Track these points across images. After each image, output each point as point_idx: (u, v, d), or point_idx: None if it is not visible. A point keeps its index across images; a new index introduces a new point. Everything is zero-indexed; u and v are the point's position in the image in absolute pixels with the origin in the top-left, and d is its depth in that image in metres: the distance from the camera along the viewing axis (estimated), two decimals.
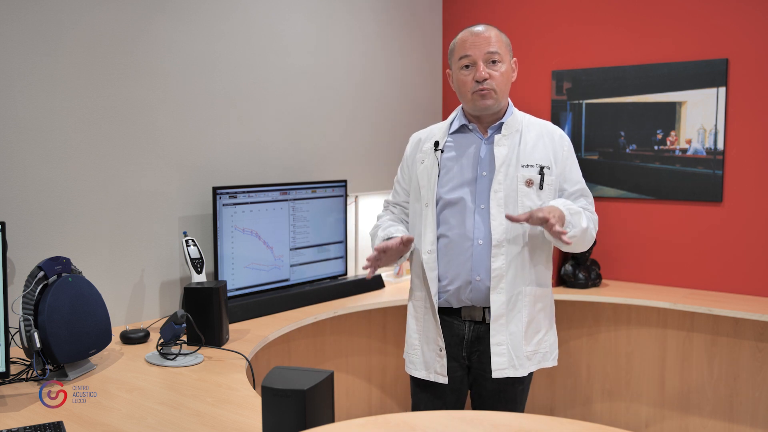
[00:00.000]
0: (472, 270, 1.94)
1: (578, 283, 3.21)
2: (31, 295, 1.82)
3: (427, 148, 2.05)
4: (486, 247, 1.92)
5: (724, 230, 3.12)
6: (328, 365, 2.97)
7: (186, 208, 2.61)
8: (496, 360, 1.93)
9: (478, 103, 1.94)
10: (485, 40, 1.93)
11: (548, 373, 3.45)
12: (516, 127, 1.99)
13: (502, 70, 1.94)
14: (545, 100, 3.53)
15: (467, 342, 1.99)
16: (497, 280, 1.91)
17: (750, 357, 2.97)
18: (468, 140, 2.01)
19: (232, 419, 1.55)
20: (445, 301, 1.99)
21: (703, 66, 3.10)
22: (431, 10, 3.81)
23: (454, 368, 2.01)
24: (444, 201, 1.97)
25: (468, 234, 1.94)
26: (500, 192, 1.92)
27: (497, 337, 1.93)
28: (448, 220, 1.97)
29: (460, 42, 1.97)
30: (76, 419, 1.54)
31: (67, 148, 2.25)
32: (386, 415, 1.14)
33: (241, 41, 2.79)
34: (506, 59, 1.96)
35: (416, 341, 2.05)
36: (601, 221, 3.39)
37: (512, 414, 1.15)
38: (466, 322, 1.98)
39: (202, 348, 2.11)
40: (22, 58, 2.13)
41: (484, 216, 1.93)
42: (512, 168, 1.94)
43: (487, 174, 1.95)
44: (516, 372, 1.94)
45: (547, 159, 1.97)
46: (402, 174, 2.15)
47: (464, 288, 1.95)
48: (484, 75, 1.91)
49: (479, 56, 1.92)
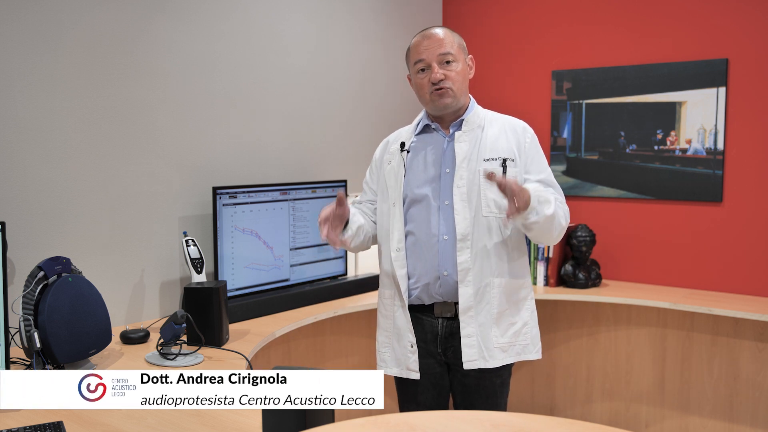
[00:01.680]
0: (439, 265, 1.97)
1: (578, 283, 3.21)
2: (31, 295, 1.82)
3: (393, 150, 2.11)
4: (451, 242, 1.96)
5: (724, 230, 3.12)
6: (328, 365, 2.97)
7: (186, 208, 2.61)
8: (467, 351, 1.95)
9: (437, 103, 1.99)
10: (437, 42, 1.97)
11: (548, 373, 3.45)
12: (478, 123, 2.03)
13: (457, 69, 1.98)
14: (545, 100, 3.53)
15: (441, 338, 2.01)
16: (464, 274, 1.94)
17: (750, 357, 2.97)
18: (432, 139, 2.06)
19: (232, 419, 1.54)
20: (416, 298, 2.02)
21: (703, 66, 3.10)
22: (431, 10, 3.81)
23: (432, 365, 2.04)
24: (410, 199, 2.02)
25: (433, 230, 1.98)
26: (463, 187, 1.96)
27: (467, 329, 1.95)
28: (414, 217, 2.01)
29: (413, 47, 2.02)
30: (76, 419, 1.54)
31: (67, 148, 2.25)
32: (386, 415, 1.14)
33: (241, 41, 2.79)
34: (460, 58, 2.00)
35: (386, 339, 2.08)
36: (601, 221, 3.42)
37: (512, 414, 1.15)
38: (438, 319, 2.01)
39: (202, 348, 2.11)
40: (22, 58, 2.12)
41: (447, 212, 1.97)
42: (473, 162, 1.97)
43: (450, 170, 1.99)
44: (486, 363, 1.95)
45: (509, 151, 1.99)
46: (370, 176, 2.19)
47: (433, 283, 1.98)
48: (439, 76, 1.96)
49: (432, 58, 1.96)
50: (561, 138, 3.48)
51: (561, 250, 3.27)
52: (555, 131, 3.50)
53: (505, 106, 2.14)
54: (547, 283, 3.28)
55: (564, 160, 3.46)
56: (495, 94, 3.64)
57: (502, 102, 3.58)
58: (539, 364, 3.46)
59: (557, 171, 3.46)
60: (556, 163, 3.48)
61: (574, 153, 3.45)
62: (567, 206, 2.03)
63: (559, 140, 3.49)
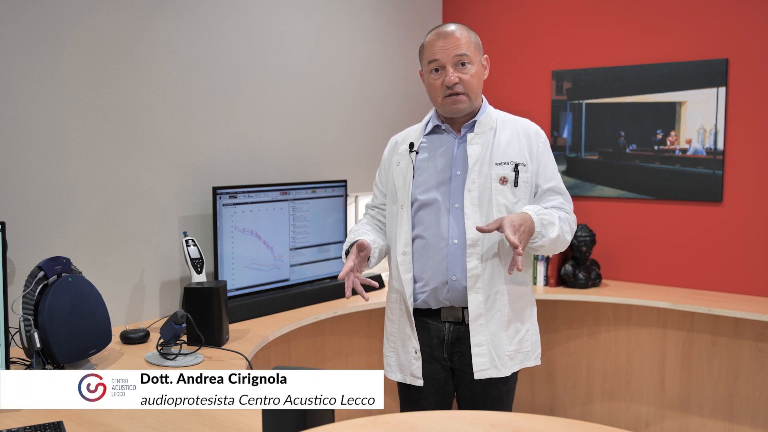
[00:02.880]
0: (447, 270, 1.93)
1: (578, 283, 3.21)
2: (31, 295, 1.82)
3: (402, 150, 2.04)
4: (461, 246, 1.92)
5: (724, 230, 3.12)
6: (328, 365, 2.97)
7: (186, 208, 2.61)
8: (478, 361, 1.91)
9: (450, 108, 1.94)
10: (453, 43, 1.89)
11: (548, 373, 3.45)
12: (490, 125, 1.98)
13: (472, 72, 1.92)
14: (545, 100, 3.53)
15: (447, 343, 1.97)
16: (474, 280, 1.90)
17: (750, 357, 2.97)
18: (442, 140, 2.00)
19: (232, 419, 1.55)
20: (423, 302, 1.98)
21: (703, 66, 3.10)
22: (431, 10, 3.81)
23: (437, 370, 2.00)
24: (419, 202, 1.97)
25: (443, 234, 1.93)
26: (474, 191, 1.91)
27: (477, 338, 1.91)
28: (422, 220, 1.96)
29: (428, 45, 1.94)
30: (76, 419, 1.54)
31: (67, 148, 2.25)
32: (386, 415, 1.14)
33: (241, 41, 2.79)
34: (476, 59, 1.94)
35: (392, 343, 2.06)
36: (601, 221, 3.42)
37: (512, 414, 1.15)
38: (445, 323, 1.97)
39: (202, 348, 2.11)
40: (22, 58, 2.13)
41: (458, 215, 1.92)
42: (486, 166, 1.92)
43: (461, 173, 1.94)
44: (498, 372, 1.92)
45: (521, 156, 1.95)
46: (380, 177, 2.14)
47: (441, 288, 1.94)
48: (454, 80, 1.89)
49: (447, 60, 1.89)
50: (561, 138, 3.48)
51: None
52: (555, 131, 3.50)
53: (505, 107, 2.13)
54: (547, 283, 3.28)
55: (564, 160, 3.46)
56: (495, 94, 3.63)
57: (502, 102, 3.57)
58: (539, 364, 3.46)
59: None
60: (556, 163, 3.47)
61: (574, 153, 3.45)
62: (574, 215, 2.00)
63: (559, 140, 3.49)
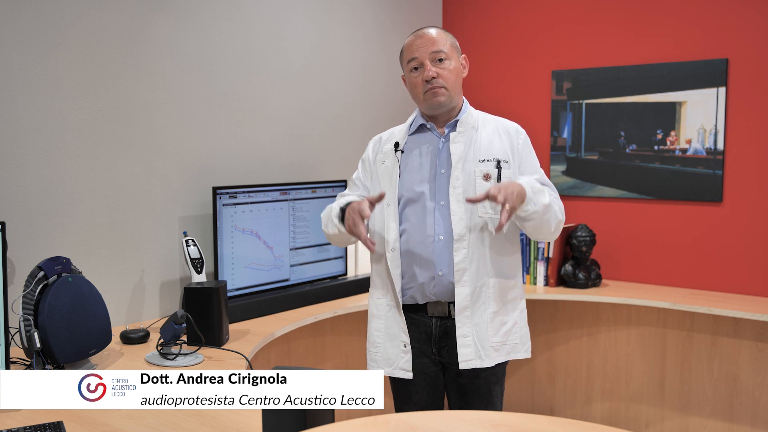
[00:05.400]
0: (434, 265, 1.97)
1: (578, 283, 3.21)
2: (31, 295, 1.82)
3: (387, 149, 2.09)
4: (447, 242, 1.96)
5: (724, 230, 3.12)
6: (328, 365, 2.97)
7: (186, 208, 2.61)
8: (463, 351, 1.95)
9: (431, 101, 1.99)
10: (429, 41, 1.98)
11: (548, 373, 3.45)
12: (472, 123, 2.04)
13: (450, 67, 1.98)
14: (545, 100, 3.53)
15: (435, 338, 2.01)
16: (460, 274, 1.95)
17: (750, 357, 2.97)
18: (426, 139, 2.05)
19: (232, 419, 1.55)
20: (410, 298, 2.01)
21: (703, 66, 3.10)
22: (431, 10, 3.81)
23: (427, 364, 2.04)
24: (405, 199, 2.02)
25: (429, 230, 1.98)
26: (459, 188, 1.96)
27: (462, 329, 1.96)
28: (409, 217, 2.01)
29: (406, 46, 2.03)
30: (76, 419, 1.54)
31: (67, 148, 2.25)
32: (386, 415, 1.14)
33: (241, 41, 2.79)
34: (454, 57, 2.01)
35: (378, 339, 2.07)
36: (601, 221, 3.42)
37: (512, 414, 1.15)
38: (432, 318, 2.01)
39: (202, 348, 2.11)
40: (21, 58, 2.13)
41: (444, 212, 1.97)
42: (469, 163, 1.98)
43: (445, 171, 2.00)
44: (482, 362, 1.96)
45: (503, 153, 2.00)
46: (363, 172, 2.17)
47: (428, 283, 1.98)
48: (432, 74, 1.96)
49: (425, 56, 1.97)
50: (561, 138, 3.48)
51: (561, 250, 3.27)
52: (555, 131, 3.50)
53: (505, 106, 2.14)
54: (547, 283, 3.28)
55: (564, 160, 3.46)
56: (495, 94, 3.64)
57: (502, 102, 3.58)
58: (539, 364, 3.46)
59: (557, 171, 3.46)
60: (556, 163, 3.48)
61: (574, 153, 3.45)
62: (561, 202, 2.04)
63: (559, 140, 3.49)
